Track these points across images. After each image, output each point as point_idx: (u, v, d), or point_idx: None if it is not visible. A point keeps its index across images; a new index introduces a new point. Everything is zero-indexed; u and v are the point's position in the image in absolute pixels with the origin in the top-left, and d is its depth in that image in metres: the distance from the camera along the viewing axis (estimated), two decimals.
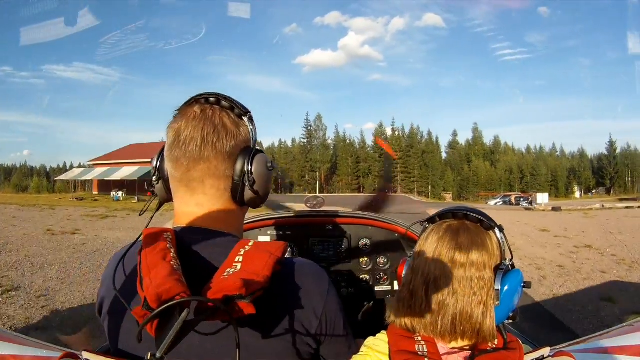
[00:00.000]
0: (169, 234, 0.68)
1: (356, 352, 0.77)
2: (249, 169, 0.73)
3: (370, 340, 0.78)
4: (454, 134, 70.80)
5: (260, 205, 0.80)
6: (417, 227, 0.97)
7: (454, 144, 69.57)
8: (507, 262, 0.76)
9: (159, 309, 0.52)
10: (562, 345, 0.79)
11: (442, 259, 0.75)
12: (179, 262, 0.63)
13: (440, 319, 0.73)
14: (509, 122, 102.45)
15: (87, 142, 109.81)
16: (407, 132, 68.27)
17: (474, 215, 0.78)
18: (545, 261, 7.55)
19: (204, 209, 0.73)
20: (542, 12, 78.82)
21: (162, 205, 0.84)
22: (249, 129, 0.76)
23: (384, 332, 0.78)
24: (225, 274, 0.60)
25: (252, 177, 0.73)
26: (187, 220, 0.74)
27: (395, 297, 0.82)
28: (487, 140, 70.70)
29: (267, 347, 0.65)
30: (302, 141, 68.36)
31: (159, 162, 0.80)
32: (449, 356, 0.72)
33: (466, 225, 0.78)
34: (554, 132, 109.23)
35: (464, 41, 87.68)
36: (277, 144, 71.64)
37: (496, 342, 0.73)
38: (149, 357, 0.49)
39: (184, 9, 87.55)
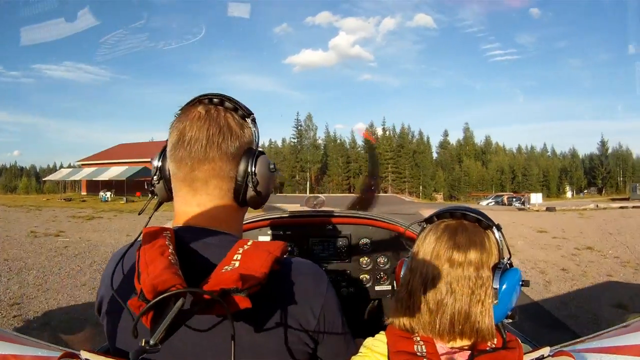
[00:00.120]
0: (169, 232, 0.68)
1: (355, 352, 0.76)
2: (253, 170, 0.73)
3: (369, 340, 0.78)
4: (445, 134, 70.97)
5: (260, 206, 0.80)
6: (415, 226, 0.95)
7: (445, 144, 69.74)
8: (505, 261, 0.75)
9: (155, 300, 0.51)
10: (562, 344, 0.77)
11: (440, 259, 0.74)
12: (178, 259, 0.62)
13: (438, 318, 0.72)
14: (500, 122, 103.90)
15: (78, 142, 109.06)
16: (397, 132, 68.39)
17: (472, 214, 0.78)
18: (547, 264, 7.33)
19: (205, 208, 0.73)
20: (532, 13, 79.81)
21: (161, 204, 0.83)
22: (252, 130, 0.77)
23: (382, 332, 0.78)
24: (223, 270, 0.60)
25: (256, 179, 0.74)
26: (187, 219, 0.74)
27: (393, 298, 0.81)
28: (478, 140, 71.02)
29: (263, 345, 0.65)
30: (292, 141, 67.98)
31: (160, 161, 0.79)
32: (448, 356, 0.71)
33: (464, 224, 0.77)
34: (545, 132, 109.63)
35: (455, 41, 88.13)
36: (267, 144, 70.79)
37: (495, 342, 0.72)
38: (142, 344, 0.49)
39: (173, 10, 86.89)
